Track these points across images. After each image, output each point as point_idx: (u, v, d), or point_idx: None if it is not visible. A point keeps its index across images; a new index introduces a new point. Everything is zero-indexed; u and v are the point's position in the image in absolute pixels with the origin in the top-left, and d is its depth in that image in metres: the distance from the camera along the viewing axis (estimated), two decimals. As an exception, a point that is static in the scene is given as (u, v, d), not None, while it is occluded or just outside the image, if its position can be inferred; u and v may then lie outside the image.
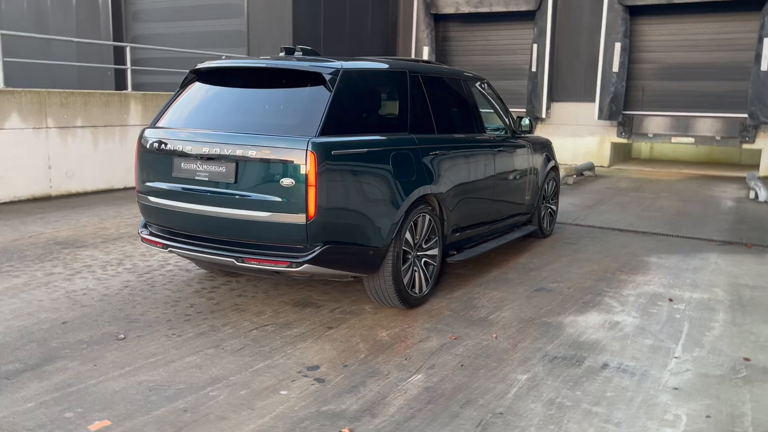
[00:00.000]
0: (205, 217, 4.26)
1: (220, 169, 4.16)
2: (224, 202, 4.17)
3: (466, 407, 3.29)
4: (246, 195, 4.10)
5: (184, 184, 4.34)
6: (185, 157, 4.30)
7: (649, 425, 3.13)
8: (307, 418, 3.15)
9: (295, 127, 4.10)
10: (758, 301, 5.19)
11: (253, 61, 4.54)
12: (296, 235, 4.04)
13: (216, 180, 4.19)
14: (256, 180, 4.07)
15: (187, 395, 3.37)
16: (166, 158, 4.42)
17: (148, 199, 4.58)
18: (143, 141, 4.61)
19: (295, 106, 4.31)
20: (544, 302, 5.03)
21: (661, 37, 14.26)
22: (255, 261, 4.11)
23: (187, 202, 4.32)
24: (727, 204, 10.27)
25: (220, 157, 4.14)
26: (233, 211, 4.15)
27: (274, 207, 4.03)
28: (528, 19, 15.15)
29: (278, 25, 13.68)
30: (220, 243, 4.31)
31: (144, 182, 4.61)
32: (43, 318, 4.45)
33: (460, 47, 16.38)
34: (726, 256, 6.71)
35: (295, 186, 3.96)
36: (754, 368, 3.84)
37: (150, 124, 4.76)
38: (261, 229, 4.10)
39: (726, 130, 13.71)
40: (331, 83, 4.21)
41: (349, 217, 4.20)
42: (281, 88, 4.40)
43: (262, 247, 4.20)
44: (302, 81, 4.33)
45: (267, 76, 4.48)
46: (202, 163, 4.23)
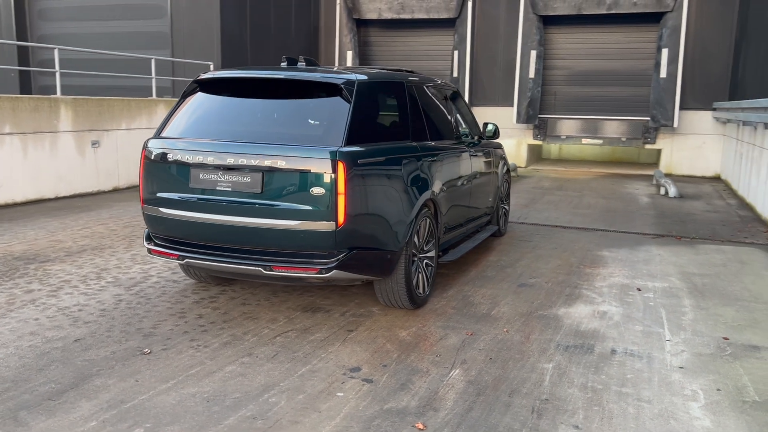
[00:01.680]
0: (228, 226, 4.28)
1: (245, 180, 4.20)
2: (249, 212, 4.21)
3: (513, 396, 3.57)
4: (273, 204, 4.17)
5: (204, 195, 4.33)
6: (204, 167, 4.29)
7: (675, 401, 3.55)
8: (376, 416, 3.31)
9: (320, 138, 4.22)
10: (710, 287, 5.83)
11: (268, 72, 4.59)
12: (325, 242, 4.16)
13: (240, 190, 4.23)
14: (284, 189, 4.15)
15: (248, 403, 3.43)
16: (181, 169, 4.38)
17: (159, 210, 4.51)
18: (150, 151, 4.55)
19: (316, 117, 4.41)
20: (532, 297, 5.41)
21: (571, 46, 15.28)
22: (284, 269, 4.19)
23: (207, 213, 4.31)
24: (643, 200, 11.23)
25: (245, 167, 4.18)
26: (259, 221, 4.20)
27: (304, 215, 4.13)
28: (448, 26, 15.73)
29: (205, 27, 13.42)
30: (241, 252, 4.34)
31: (153, 193, 4.54)
32: (51, 336, 4.29)
33: (382, 52, 16.73)
34: (664, 248, 7.42)
35: (325, 194, 4.08)
36: (735, 346, 4.39)
37: (154, 134, 4.69)
38: (289, 237, 4.18)
39: (630, 132, 14.90)
40: (349, 94, 4.36)
41: (372, 223, 4.37)
42: (299, 99, 4.49)
43: (286, 254, 4.28)
44: (320, 92, 4.45)
45: (282, 87, 4.55)
46: (224, 174, 4.25)
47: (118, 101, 10.89)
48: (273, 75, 4.57)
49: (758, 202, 9.91)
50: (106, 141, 10.68)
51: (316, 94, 4.47)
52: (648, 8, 14.01)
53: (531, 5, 14.81)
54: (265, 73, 4.61)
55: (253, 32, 14.41)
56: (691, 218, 9.46)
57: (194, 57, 13.37)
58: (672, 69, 14.09)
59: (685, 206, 10.56)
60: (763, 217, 9.39)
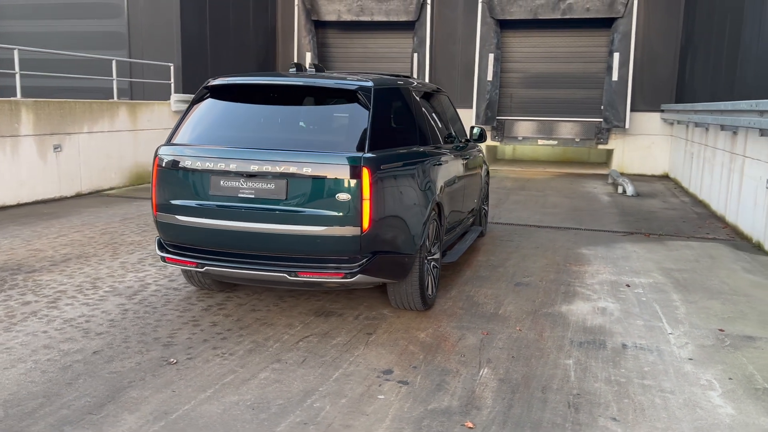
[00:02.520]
0: (251, 233, 4.27)
1: (269, 186, 4.21)
2: (273, 218, 4.22)
3: (546, 392, 3.72)
4: (298, 211, 4.19)
5: (225, 202, 4.31)
6: (226, 174, 4.27)
7: (695, 390, 3.77)
8: (423, 417, 3.40)
9: (342, 144, 4.27)
10: (691, 281, 6.17)
11: (284, 79, 4.59)
12: (350, 247, 4.21)
13: (264, 197, 4.23)
14: (309, 196, 4.18)
15: (294, 409, 3.45)
16: (201, 176, 4.34)
17: (175, 218, 4.45)
18: (164, 159, 4.48)
19: (336, 123, 4.46)
20: (531, 295, 5.60)
21: (527, 49, 15.71)
22: (309, 274, 4.22)
23: (228, 220, 4.30)
24: (605, 199, 11.67)
25: (269, 174, 4.18)
26: (284, 227, 4.21)
27: (329, 221, 4.17)
28: (408, 29, 15.90)
29: (164, 27, 13.13)
30: (263, 258, 4.34)
31: (169, 200, 4.48)
32: (67, 349, 4.18)
33: (341, 54, 16.76)
34: (638, 245, 7.77)
35: (351, 200, 4.13)
36: (732, 337, 4.68)
37: (166, 141, 4.62)
38: (314, 243, 4.21)
39: (584, 133, 15.44)
40: (366, 100, 4.42)
41: (392, 227, 4.45)
42: (317, 105, 4.52)
43: (309, 260, 4.30)
44: (337, 98, 4.49)
45: (298, 93, 4.57)
46: (246, 181, 4.24)
47: (80, 104, 10.56)
48: (289, 82, 4.58)
49: (712, 200, 10.48)
50: (69, 145, 10.34)
51: (333, 100, 4.51)
52: (600, 14, 14.56)
53: (489, 9, 15.15)
54: (281, 80, 4.62)
55: (213, 32, 14.19)
56: (653, 216, 9.91)
57: (153, 58, 13.06)
58: (623, 72, 14.68)
59: (644, 204, 11.05)
60: (719, 214, 9.94)
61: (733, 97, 9.62)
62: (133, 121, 11.78)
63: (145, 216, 8.83)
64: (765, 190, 7.79)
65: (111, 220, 8.46)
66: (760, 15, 8.64)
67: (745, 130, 8.77)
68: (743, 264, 6.91)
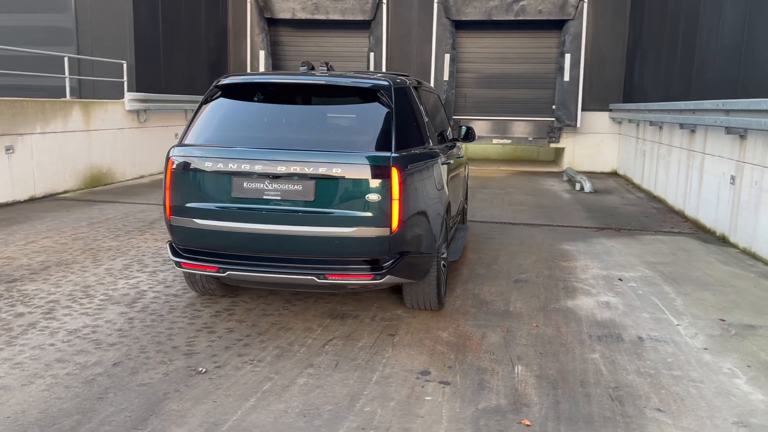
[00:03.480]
0: (276, 236, 4.15)
1: (296, 188, 4.10)
2: (301, 220, 4.12)
3: (586, 387, 3.78)
4: (327, 212, 4.11)
5: (248, 204, 4.17)
6: (249, 176, 4.14)
7: (722, 379, 3.93)
8: (478, 416, 3.39)
9: (369, 144, 4.21)
10: (676, 274, 6.41)
11: (302, 78, 4.47)
12: (379, 248, 4.16)
13: (291, 198, 4.12)
14: (339, 197, 4.10)
15: (346, 414, 3.38)
16: (221, 177, 4.19)
17: (193, 221, 4.28)
18: (178, 160, 4.30)
19: (360, 123, 4.39)
20: (534, 292, 5.69)
21: (482, 50, 15.95)
22: (338, 276, 4.14)
23: (252, 223, 4.16)
24: (565, 196, 11.99)
25: (295, 175, 4.08)
26: (312, 229, 4.12)
27: (358, 222, 4.10)
28: (364, 28, 15.86)
29: (116, 22, 12.61)
30: (288, 261, 4.23)
31: (184, 203, 4.30)
32: (83, 362, 3.95)
33: (295, 52, 16.55)
34: (613, 240, 8.03)
35: (381, 201, 4.08)
36: (735, 326, 4.90)
37: (178, 142, 4.43)
38: (343, 244, 4.13)
39: (536, 132, 15.81)
40: (389, 99, 4.38)
41: (417, 227, 4.42)
42: (337, 105, 4.44)
43: (335, 262, 4.22)
44: (358, 97, 4.43)
45: (316, 92, 4.47)
46: (272, 182, 4.12)
47: (32, 103, 10.00)
48: (309, 80, 4.48)
49: (669, 195, 10.94)
50: (21, 147, 9.78)
51: (353, 99, 4.44)
52: (552, 16, 14.94)
53: (444, 10, 15.29)
54: (299, 79, 4.51)
55: (165, 29, 13.73)
56: (616, 212, 10.25)
57: (104, 54, 12.51)
58: (574, 73, 15.12)
59: (603, 200, 11.41)
60: (677, 209, 10.39)
61: (690, 97, 10.07)
62: (87, 121, 11.26)
63: (113, 220, 8.46)
64: (729, 185, 8.20)
65: (78, 225, 8.06)
66: (718, 19, 9.07)
67: (705, 128, 9.19)
68: (717, 256, 7.25)
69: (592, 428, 3.30)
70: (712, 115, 8.37)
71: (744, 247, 7.56)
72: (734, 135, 7.97)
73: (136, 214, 8.91)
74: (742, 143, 7.83)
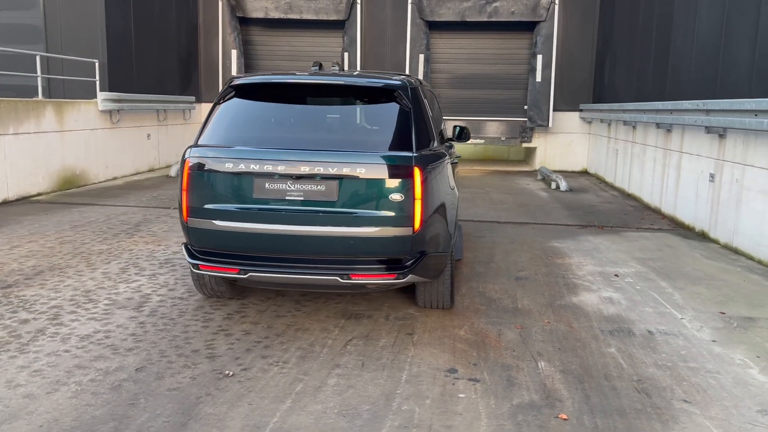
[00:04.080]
0: (299, 237, 4.13)
1: (319, 188, 4.08)
2: (324, 221, 4.10)
3: (611, 380, 3.87)
4: (350, 212, 4.10)
5: (270, 205, 4.13)
6: (270, 177, 4.10)
7: (737, 370, 4.07)
8: (515, 412, 3.44)
9: (390, 144, 4.22)
10: (668, 269, 6.60)
11: (319, 78, 4.45)
12: (402, 248, 4.17)
13: (313, 199, 4.10)
14: (362, 197, 4.10)
15: (385, 413, 3.39)
16: (242, 178, 4.14)
17: (213, 223, 4.21)
18: (196, 161, 4.23)
19: (378, 122, 4.39)
20: (537, 289, 5.78)
21: (455, 51, 16.09)
22: (362, 276, 4.14)
23: (275, 223, 4.13)
24: (542, 194, 12.20)
25: (319, 176, 4.06)
26: (335, 229, 4.11)
27: (382, 222, 4.11)
28: (338, 27, 15.82)
29: (87, 20, 12.29)
30: (310, 262, 4.20)
31: (202, 205, 4.23)
32: (104, 368, 3.86)
33: (268, 52, 16.40)
34: (599, 237, 8.21)
35: (404, 200, 4.10)
36: (736, 319, 5.07)
37: (193, 143, 4.36)
38: (366, 244, 4.13)
39: (509, 132, 16.02)
40: (407, 99, 4.40)
41: (435, 227, 4.45)
42: (355, 105, 4.43)
43: (357, 262, 4.22)
44: (375, 97, 4.43)
45: (332, 92, 4.46)
46: (295, 182, 4.09)
47: (5, 103, 9.68)
48: (325, 80, 4.46)
49: (644, 193, 11.23)
50: (-6, 147, 9.46)
51: (370, 99, 4.44)
52: (524, 17, 15.17)
53: (418, 11, 15.37)
54: (316, 79, 4.48)
55: (137, 27, 13.45)
56: (595, 209, 10.48)
57: (75, 53, 12.18)
58: (546, 74, 15.38)
59: (580, 199, 11.65)
60: (653, 206, 10.68)
61: (665, 97, 10.36)
62: (60, 121, 10.95)
63: (96, 223, 8.25)
64: (708, 183, 8.47)
65: (60, 229, 7.84)
66: (693, 23, 9.36)
67: (681, 127, 9.48)
68: (701, 252, 7.48)
69: (626, 421, 3.38)
70: (692, 114, 8.63)
71: (725, 242, 7.82)
72: (713, 134, 8.24)
73: (119, 217, 8.71)
74: (722, 142, 8.10)
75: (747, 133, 7.40)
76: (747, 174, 7.37)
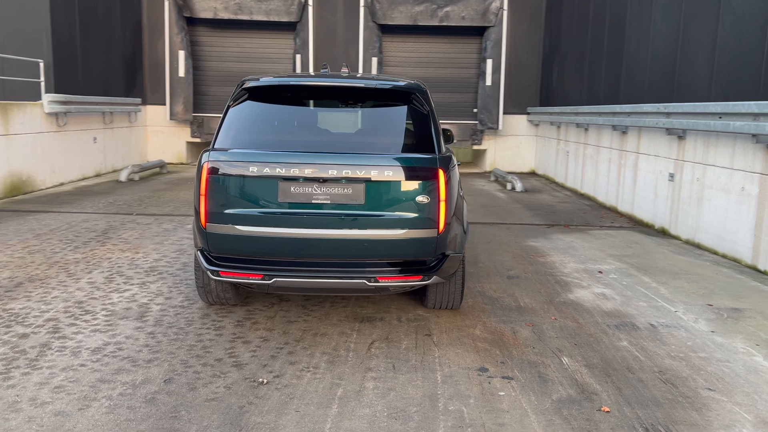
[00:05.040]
0: (326, 240, 4.08)
1: (346, 191, 4.05)
2: (352, 224, 4.07)
3: (635, 373, 4.02)
4: (378, 215, 4.09)
5: (296, 209, 4.06)
6: (296, 180, 4.03)
7: (743, 358, 4.30)
8: (559, 407, 3.53)
9: (414, 146, 4.24)
10: (645, 265, 6.89)
11: (336, 80, 4.39)
12: (427, 250, 4.20)
13: (340, 202, 4.06)
14: (389, 199, 4.09)
15: (435, 414, 3.40)
16: (266, 182, 4.05)
17: (235, 228, 4.10)
18: (216, 165, 4.11)
19: (399, 125, 4.39)
20: (532, 287, 5.92)
21: (406, 54, 16.21)
22: (389, 279, 4.13)
23: (301, 228, 4.06)
24: (500, 195, 12.47)
25: (346, 179, 4.03)
26: (363, 232, 4.08)
27: (409, 224, 4.12)
28: (289, 29, 15.66)
29: (30, 18, 11.68)
30: (338, 266, 4.16)
31: (223, 210, 4.11)
32: (130, 381, 3.70)
33: (216, 53, 16.04)
34: (569, 236, 8.48)
35: (430, 202, 4.12)
36: (724, 310, 5.35)
37: (210, 146, 4.23)
38: (393, 247, 4.13)
39: (460, 135, 16.22)
40: (425, 102, 4.42)
41: (455, 228, 4.49)
42: (374, 107, 4.42)
43: (380, 265, 4.21)
44: (391, 99, 4.43)
45: (349, 94, 4.43)
46: (321, 186, 4.04)
47: (-51, 104, 9.09)
48: (343, 83, 4.43)
49: (599, 193, 11.67)
50: (-62, 152, 8.85)
51: (389, 101, 4.44)
52: (474, 22, 15.46)
53: (371, 14, 15.41)
54: (332, 81, 4.44)
55: (82, 25, 12.89)
56: (554, 209, 10.81)
57: (15, 52, 11.55)
58: (496, 78, 15.74)
59: (537, 199, 11.98)
60: (608, 205, 11.11)
61: (620, 101, 10.81)
62: (6, 124, 10.36)
63: (59, 231, 7.86)
64: (668, 182, 8.90)
65: (24, 237, 7.43)
66: (648, 30, 9.81)
67: (638, 129, 9.92)
68: (667, 248, 7.85)
69: (664, 410, 3.53)
70: (653, 117, 9.04)
71: (687, 238, 8.24)
72: (673, 136, 8.66)
73: (81, 225, 8.33)
74: (681, 143, 8.53)
75: (708, 135, 7.82)
76: (708, 173, 7.79)
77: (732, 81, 7.45)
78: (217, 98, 16.09)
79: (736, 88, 7.34)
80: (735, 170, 7.23)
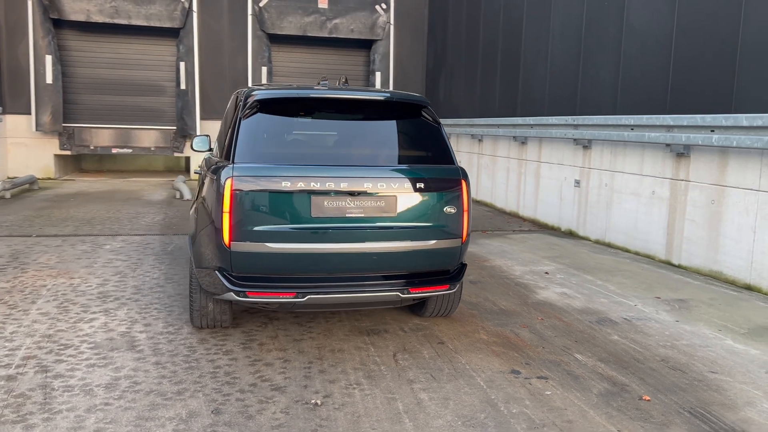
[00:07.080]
0: (360, 254, 4.01)
1: (379, 204, 4.01)
2: (385, 236, 4.04)
3: (643, 363, 4.38)
4: (409, 226, 4.10)
5: (330, 224, 3.95)
6: (328, 194, 3.92)
7: (717, 342, 4.83)
8: (606, 400, 3.76)
9: (434, 158, 4.29)
10: (579, 264, 7.45)
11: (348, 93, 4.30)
12: (452, 259, 4.27)
13: (373, 215, 4.01)
14: (419, 211, 4.11)
15: (505, 420, 3.49)
16: (298, 197, 3.89)
17: (265, 246, 3.89)
18: (241, 181, 3.88)
19: (414, 137, 4.41)
20: (499, 290, 6.18)
21: (295, 64, 16.08)
22: (420, 289, 4.15)
23: (335, 242, 3.96)
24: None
25: (380, 192, 3.99)
26: (396, 244, 4.07)
27: (438, 234, 4.17)
28: (172, 36, 14.89)
29: None
30: (370, 279, 4.10)
31: (251, 228, 3.88)
32: (175, 416, 3.41)
33: (88, 58, 14.84)
34: (494, 241, 8.92)
35: (456, 213, 4.21)
36: (675, 301, 5.95)
37: (230, 162, 3.98)
38: (423, 257, 4.16)
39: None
40: (435, 114, 4.51)
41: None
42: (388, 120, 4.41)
43: (414, 275, 4.23)
44: (405, 112, 4.45)
45: (362, 107, 4.39)
46: (354, 200, 3.97)
47: None
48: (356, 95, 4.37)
49: (497, 200, 12.37)
50: None
51: (401, 114, 4.46)
52: (362, 35, 15.73)
53: (259, 23, 15.11)
54: (345, 94, 4.35)
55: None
56: (462, 216, 11.29)
57: None
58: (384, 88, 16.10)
59: (441, 207, 12.43)
60: (508, 210, 11.83)
61: (517, 113, 11.56)
62: None
63: (-39, 257, 6.91)
64: (573, 188, 9.68)
65: None
66: (547, 44, 10.61)
67: (538, 140, 10.68)
68: (583, 248, 8.54)
69: (690, 393, 3.89)
70: (561, 129, 9.79)
71: (597, 239, 9.01)
72: (578, 145, 9.44)
73: (-21, 249, 7.38)
74: (586, 152, 9.33)
75: (615, 144, 8.64)
76: (617, 179, 8.60)
77: (637, 98, 8.29)
78: (89, 107, 14.91)
79: (642, 103, 8.18)
80: (645, 176, 8.05)
